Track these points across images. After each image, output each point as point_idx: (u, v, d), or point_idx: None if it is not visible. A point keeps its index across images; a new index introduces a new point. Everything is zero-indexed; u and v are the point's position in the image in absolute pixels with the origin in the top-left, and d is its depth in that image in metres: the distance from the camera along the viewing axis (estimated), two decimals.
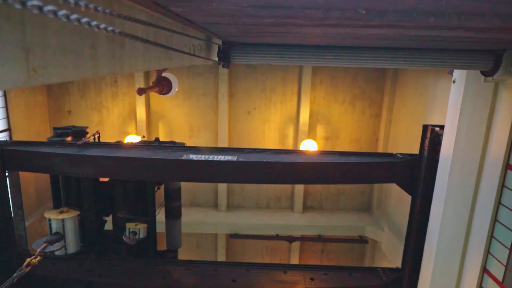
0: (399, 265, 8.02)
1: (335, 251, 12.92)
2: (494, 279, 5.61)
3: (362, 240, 11.86)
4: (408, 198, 7.31)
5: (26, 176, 10.63)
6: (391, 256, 10.46)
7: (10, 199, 7.70)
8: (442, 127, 6.46)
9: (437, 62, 4.86)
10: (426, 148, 6.69)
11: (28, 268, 6.21)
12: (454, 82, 5.93)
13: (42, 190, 11.87)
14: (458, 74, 5.81)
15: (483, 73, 5.13)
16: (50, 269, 7.83)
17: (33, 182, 11.57)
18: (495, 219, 5.66)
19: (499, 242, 5.54)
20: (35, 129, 11.68)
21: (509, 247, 5.33)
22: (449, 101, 6.07)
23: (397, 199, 11.10)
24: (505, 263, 5.40)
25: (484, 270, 5.85)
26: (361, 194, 12.22)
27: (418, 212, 7.00)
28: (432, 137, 6.62)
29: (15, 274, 6.02)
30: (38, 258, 6.35)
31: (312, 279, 7.94)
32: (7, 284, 5.85)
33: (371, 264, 12.51)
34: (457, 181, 6.01)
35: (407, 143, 10.55)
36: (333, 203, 12.25)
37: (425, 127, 6.83)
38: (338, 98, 11.85)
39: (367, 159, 7.02)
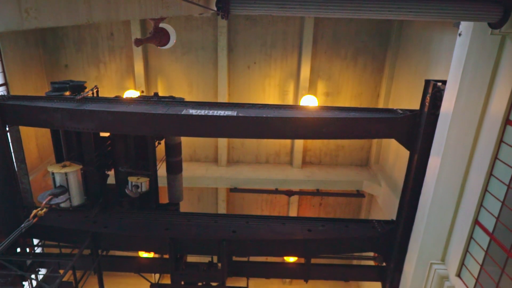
0: (394, 218, 8.29)
1: (333, 205, 13.30)
2: (485, 230, 5.82)
3: (359, 194, 12.16)
4: (406, 154, 7.39)
5: (26, 132, 10.67)
6: (386, 209, 10.78)
7: (13, 154, 7.79)
8: (444, 82, 6.39)
9: (444, 13, 4.69)
10: (427, 104, 6.66)
11: (35, 219, 6.42)
12: (460, 35, 5.77)
13: (44, 146, 11.97)
14: (464, 26, 5.64)
15: (490, 25, 4.97)
16: (56, 220, 8.10)
17: (34, 138, 11.63)
18: (490, 174, 5.76)
19: (493, 195, 5.68)
20: (32, 84, 11.53)
21: (502, 200, 5.47)
22: (454, 55, 5.94)
23: (395, 155, 11.23)
24: (496, 215, 5.57)
25: (476, 222, 6.06)
26: (360, 149, 12.34)
27: (415, 167, 7.11)
28: (434, 92, 6.56)
29: (23, 225, 6.24)
30: (44, 209, 6.54)
31: (309, 230, 8.23)
32: (16, 233, 6.08)
33: (367, 217, 12.92)
34: (455, 136, 6.04)
35: (409, 99, 10.47)
36: (332, 159, 12.40)
37: (427, 82, 6.76)
38: (340, 53, 11.59)
39: (367, 115, 7.01)
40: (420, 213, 7.04)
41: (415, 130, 6.90)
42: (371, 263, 9.66)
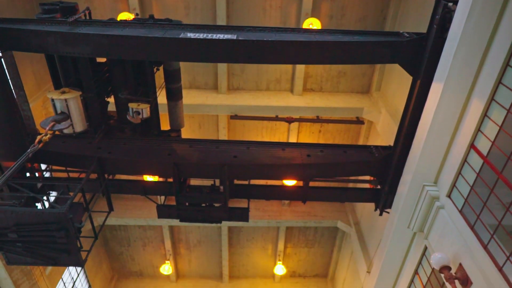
0: (392, 144, 8.47)
1: (332, 132, 13.49)
2: (480, 154, 5.98)
3: (358, 121, 12.25)
4: (408, 81, 7.28)
5: (21, 59, 10.37)
6: (385, 136, 10.96)
7: (10, 81, 7.68)
8: (456, 2, 6.04)
9: None
10: (435, 26, 6.37)
11: (41, 145, 6.55)
12: None
13: (40, 73, 11.72)
14: None
15: None
16: (61, 147, 8.29)
17: (29, 65, 11.34)
18: (491, 99, 5.74)
19: (491, 120, 5.73)
20: (20, 6, 10.92)
21: (500, 124, 5.53)
22: None
23: (397, 82, 11.08)
24: (492, 139, 5.68)
25: (472, 146, 6.20)
26: (362, 76, 12.12)
27: (417, 93, 7.06)
28: (443, 13, 6.23)
29: (29, 150, 6.39)
30: (48, 135, 6.65)
31: (308, 155, 8.47)
32: (24, 158, 6.26)
33: (365, 144, 13.19)
34: (461, 60, 5.90)
35: (416, 23, 10.00)
36: (333, 85, 12.25)
37: (437, 2, 6.38)
38: None
39: (371, 38, 6.75)
40: (418, 139, 7.17)
41: (421, 54, 6.71)
42: (367, 186, 10.12)
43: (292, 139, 13.21)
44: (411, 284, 8.57)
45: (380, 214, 9.11)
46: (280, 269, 16.68)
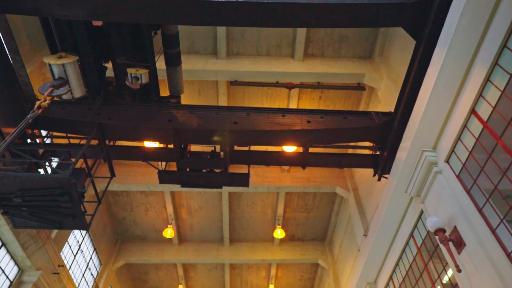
0: (392, 110, 8.43)
1: (332, 98, 13.39)
2: (480, 119, 5.98)
3: (359, 87, 12.13)
4: (411, 46, 7.14)
5: (14, 23, 10.09)
6: (385, 102, 10.88)
7: (4, 45, 7.51)
8: None
9: None
10: None
11: (40, 110, 6.53)
12: None
13: (35, 37, 11.45)
14: None
15: None
16: (61, 113, 8.26)
17: (23, 29, 11.05)
18: (495, 63, 5.65)
19: (494, 85, 5.68)
20: None
21: (502, 89, 5.48)
22: None
23: (400, 47, 10.85)
24: (494, 105, 5.66)
25: (472, 112, 6.18)
26: (365, 40, 11.85)
27: (419, 58, 6.94)
28: None
29: (28, 116, 6.38)
30: (47, 101, 6.61)
31: (308, 121, 8.46)
32: (24, 123, 6.26)
33: (366, 110, 13.12)
34: (466, 23, 5.76)
35: None
36: (335, 51, 12.01)
37: None
38: None
39: (375, 0, 6.54)
40: (419, 104, 7.14)
41: (425, 17, 6.52)
42: (366, 152, 10.18)
43: (293, 106, 13.14)
44: (406, 246, 8.85)
45: (379, 180, 9.24)
46: (279, 233, 17.15)
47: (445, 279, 7.41)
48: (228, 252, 18.15)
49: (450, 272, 7.14)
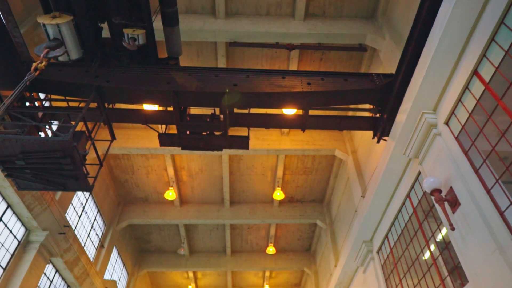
0: (394, 71, 8.33)
1: (333, 60, 13.15)
2: (482, 80, 5.93)
3: (361, 48, 11.87)
4: (416, 4, 6.92)
5: None
6: (387, 63, 10.70)
7: None
8: None
9: None
10: None
11: (37, 72, 6.46)
12: None
13: None
14: None
15: None
16: (58, 75, 8.15)
17: None
18: (501, 22, 5.51)
19: (498, 44, 5.57)
20: None
21: (506, 49, 5.39)
22: None
23: (404, 6, 10.51)
24: (497, 65, 5.58)
25: (475, 73, 6.11)
26: None
27: (424, 16, 6.76)
28: None
29: (26, 78, 6.32)
30: (44, 63, 6.52)
31: (309, 83, 8.38)
32: (22, 86, 6.21)
33: (367, 72, 12.95)
34: None
35: None
36: (337, 10, 11.63)
37: None
38: None
39: None
40: (421, 65, 7.04)
41: None
42: (366, 114, 10.17)
43: (293, 68, 12.93)
44: (402, 206, 9.08)
45: (378, 142, 9.30)
46: (278, 195, 17.51)
47: (439, 238, 7.68)
48: (229, 213, 18.62)
49: (444, 230, 7.38)
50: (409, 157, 8.03)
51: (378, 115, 8.96)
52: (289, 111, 9.59)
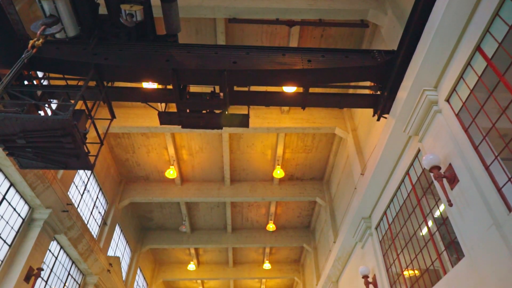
0: (395, 48, 8.22)
1: (334, 36, 12.96)
2: (485, 56, 5.86)
3: (363, 24, 11.67)
4: None
5: None
6: (389, 40, 10.56)
7: None
8: None
9: None
10: None
11: (34, 50, 6.38)
12: None
13: None
14: None
15: None
16: (56, 53, 8.06)
17: None
18: None
19: (502, 19, 5.48)
20: None
21: (510, 24, 5.31)
22: None
23: None
24: (500, 41, 5.51)
25: (478, 49, 6.04)
26: None
27: None
28: None
29: (23, 56, 6.25)
30: (41, 40, 6.43)
31: (309, 61, 8.30)
32: (19, 64, 6.15)
33: (369, 48, 12.78)
34: None
35: None
36: None
37: None
38: None
39: None
40: (423, 41, 6.95)
41: None
42: (366, 92, 10.12)
43: (293, 44, 12.76)
44: (401, 183, 9.17)
45: (378, 120, 9.30)
46: (278, 173, 17.64)
47: (437, 214, 7.80)
48: (229, 191, 18.81)
49: (442, 207, 7.49)
50: (409, 134, 8.05)
51: (379, 92, 8.92)
52: (289, 89, 9.52)
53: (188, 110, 8.90)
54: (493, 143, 5.87)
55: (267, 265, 25.27)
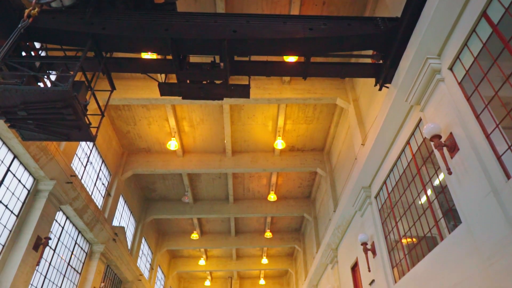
0: (399, 15, 8.03)
1: (336, 4, 12.61)
2: (490, 22, 5.74)
3: None
4: None
5: None
6: (393, 6, 10.27)
7: None
8: None
9: None
10: None
11: (30, 19, 6.26)
12: None
13: None
14: None
15: None
16: (52, 23, 7.90)
17: None
18: None
19: None
20: None
21: None
22: None
23: None
24: (507, 6, 5.38)
25: (483, 15, 5.90)
26: None
27: None
28: None
29: (20, 25, 6.14)
30: (37, 9, 6.29)
31: (311, 29, 8.13)
32: (16, 34, 6.05)
33: (372, 16, 12.47)
34: None
35: None
36: None
37: None
38: None
39: None
40: (428, 8, 6.78)
41: None
42: (368, 61, 9.96)
43: (294, 12, 12.45)
44: (401, 153, 9.23)
45: (380, 89, 9.22)
46: (279, 144, 17.71)
47: (436, 182, 7.90)
48: (231, 162, 18.97)
49: (441, 176, 7.57)
50: (410, 103, 8.01)
51: (381, 61, 8.80)
52: (291, 59, 9.39)
53: (188, 81, 8.82)
54: (495, 112, 5.86)
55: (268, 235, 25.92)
